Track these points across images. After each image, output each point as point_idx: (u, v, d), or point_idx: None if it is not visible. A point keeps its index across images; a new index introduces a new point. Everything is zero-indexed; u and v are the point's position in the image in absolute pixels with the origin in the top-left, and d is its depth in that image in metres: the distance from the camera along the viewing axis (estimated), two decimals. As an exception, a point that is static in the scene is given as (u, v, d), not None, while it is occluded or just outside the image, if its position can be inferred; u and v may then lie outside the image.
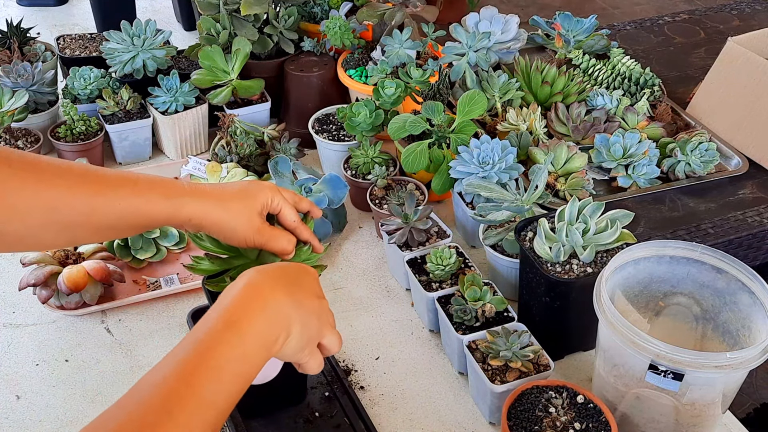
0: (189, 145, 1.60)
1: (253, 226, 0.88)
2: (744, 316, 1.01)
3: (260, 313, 0.70)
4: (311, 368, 0.79)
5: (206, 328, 0.68)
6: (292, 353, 0.75)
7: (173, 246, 1.34)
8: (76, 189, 0.77)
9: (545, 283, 1.09)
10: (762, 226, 1.42)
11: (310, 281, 0.80)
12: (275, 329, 0.71)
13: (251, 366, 0.68)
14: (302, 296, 0.76)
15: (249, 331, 0.68)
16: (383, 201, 1.37)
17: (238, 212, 0.86)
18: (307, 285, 0.78)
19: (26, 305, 1.26)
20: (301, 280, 0.78)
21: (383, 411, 1.11)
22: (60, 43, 1.74)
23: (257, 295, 0.71)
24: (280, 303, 0.72)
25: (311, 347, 0.77)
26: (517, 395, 0.99)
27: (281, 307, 0.72)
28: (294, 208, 0.93)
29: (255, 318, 0.70)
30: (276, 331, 0.71)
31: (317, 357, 0.79)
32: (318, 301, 0.79)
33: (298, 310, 0.74)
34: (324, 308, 0.80)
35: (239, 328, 0.68)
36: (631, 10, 4.32)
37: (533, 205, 1.23)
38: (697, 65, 1.91)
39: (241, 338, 0.68)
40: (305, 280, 0.79)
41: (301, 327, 0.74)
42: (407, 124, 1.36)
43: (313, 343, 0.78)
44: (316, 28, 1.70)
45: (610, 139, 1.46)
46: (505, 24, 1.53)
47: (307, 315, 0.75)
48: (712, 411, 0.98)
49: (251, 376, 0.69)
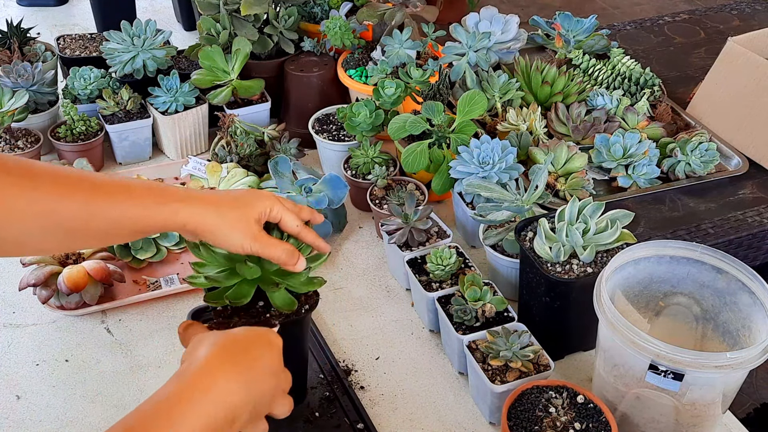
0: (189, 145, 1.60)
1: (250, 233, 0.87)
2: (744, 316, 1.01)
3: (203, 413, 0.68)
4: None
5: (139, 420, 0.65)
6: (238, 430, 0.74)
7: (173, 246, 1.34)
8: (73, 195, 0.78)
9: (545, 283, 1.09)
10: (762, 226, 1.42)
11: (270, 356, 0.77)
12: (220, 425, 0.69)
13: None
14: (257, 379, 0.74)
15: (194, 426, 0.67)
16: (383, 201, 1.37)
17: (234, 219, 0.86)
18: (264, 362, 0.75)
19: (26, 305, 1.26)
20: (258, 356, 0.75)
21: (383, 411, 1.11)
22: (60, 43, 1.74)
23: (202, 391, 0.69)
24: (230, 394, 0.70)
25: (258, 420, 0.76)
26: (517, 395, 0.99)
27: (231, 398, 0.70)
28: (295, 215, 0.92)
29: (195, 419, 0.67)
30: (221, 425, 0.69)
31: (262, 426, 0.77)
32: (272, 379, 0.76)
33: (248, 397, 0.72)
34: (278, 383, 0.77)
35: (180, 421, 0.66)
36: (631, 10, 4.32)
37: (533, 205, 1.23)
38: (697, 65, 1.91)
39: None
40: (264, 356, 0.76)
41: (250, 412, 0.73)
42: (407, 124, 1.36)
43: (261, 416, 0.76)
44: (316, 28, 1.70)
45: (610, 139, 1.46)
46: (505, 24, 1.53)
47: (259, 399, 0.74)
48: (712, 411, 0.98)
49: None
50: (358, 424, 1.07)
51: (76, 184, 0.78)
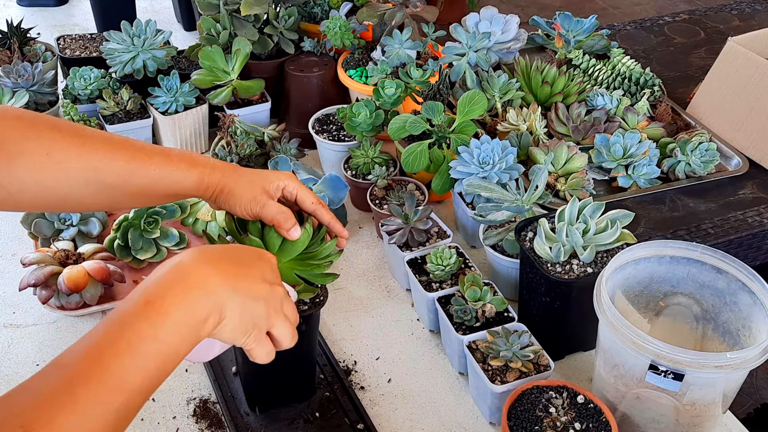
0: (189, 145, 1.60)
1: (253, 197, 0.91)
2: (744, 316, 1.01)
3: (183, 293, 0.67)
4: (258, 356, 0.76)
5: (123, 309, 0.65)
6: (232, 337, 0.73)
7: (173, 246, 1.34)
8: (116, 154, 0.85)
9: (545, 283, 1.09)
10: (762, 226, 1.42)
11: (261, 266, 0.77)
12: (202, 310, 0.68)
13: (170, 346, 0.65)
14: (244, 279, 0.73)
15: (168, 310, 0.66)
16: (383, 201, 1.37)
17: (246, 185, 0.92)
18: (254, 269, 0.76)
19: (26, 305, 1.26)
20: (247, 262, 0.76)
21: (383, 411, 1.11)
22: (60, 43, 1.74)
23: (183, 275, 0.69)
24: (209, 283, 0.70)
25: (257, 334, 0.75)
26: (517, 395, 0.99)
27: (212, 287, 0.70)
28: (312, 193, 0.96)
29: (176, 297, 0.67)
30: (203, 311, 0.68)
31: (265, 345, 0.76)
32: (266, 285, 0.75)
33: (235, 293, 0.71)
34: (275, 294, 0.76)
35: (157, 308, 0.65)
36: (631, 10, 4.32)
37: (533, 205, 1.23)
38: (697, 65, 1.91)
39: (159, 317, 0.65)
40: (254, 264, 0.76)
41: (239, 310, 0.71)
42: (407, 124, 1.36)
43: (260, 329, 0.75)
44: (316, 29, 1.70)
45: (611, 139, 1.46)
46: (505, 24, 1.53)
47: (249, 299, 0.73)
48: (712, 411, 0.98)
49: (174, 356, 0.66)
50: (358, 424, 1.07)
51: (120, 145, 0.86)
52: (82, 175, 0.83)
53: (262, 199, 0.91)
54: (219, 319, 0.70)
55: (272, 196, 0.92)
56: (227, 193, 0.92)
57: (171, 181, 0.89)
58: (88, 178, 0.84)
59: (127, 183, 0.86)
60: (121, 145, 0.86)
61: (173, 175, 0.89)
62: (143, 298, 0.66)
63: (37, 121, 0.83)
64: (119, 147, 0.86)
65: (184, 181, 0.89)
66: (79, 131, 0.85)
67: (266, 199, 0.91)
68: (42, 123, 0.83)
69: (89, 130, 0.86)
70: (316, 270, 0.96)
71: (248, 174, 0.94)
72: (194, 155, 0.93)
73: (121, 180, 0.86)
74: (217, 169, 0.92)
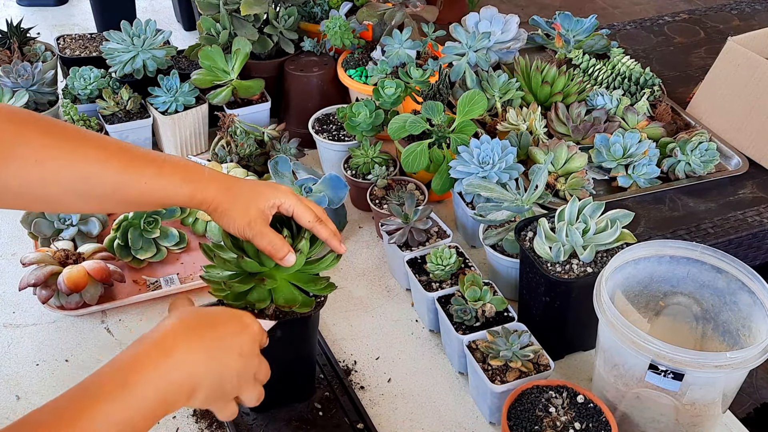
0: (189, 145, 1.60)
1: (248, 219, 0.90)
2: (744, 315, 1.01)
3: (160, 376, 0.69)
4: (222, 417, 0.78)
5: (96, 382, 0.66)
6: (201, 405, 0.74)
7: (173, 246, 1.34)
8: (108, 163, 0.84)
9: (545, 283, 1.09)
10: (762, 226, 1.42)
11: (240, 340, 0.77)
12: (176, 392, 0.69)
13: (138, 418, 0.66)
14: (222, 353, 0.74)
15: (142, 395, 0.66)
16: (383, 201, 1.37)
17: (242, 205, 0.90)
18: (232, 341, 0.76)
19: (26, 305, 1.26)
20: (227, 334, 0.76)
21: (383, 411, 1.11)
22: (60, 43, 1.74)
23: (162, 354, 0.70)
24: (191, 362, 0.71)
25: (225, 402, 0.77)
26: (517, 395, 0.99)
27: (192, 366, 0.71)
28: (310, 210, 0.95)
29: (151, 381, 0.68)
30: (178, 392, 0.70)
31: (230, 409, 0.78)
32: (240, 359, 0.76)
33: (210, 368, 0.72)
34: (248, 366, 0.77)
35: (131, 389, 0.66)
36: (631, 10, 4.32)
37: (533, 205, 1.23)
38: (697, 65, 1.91)
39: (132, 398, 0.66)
40: (234, 337, 0.77)
41: (210, 386, 0.73)
42: (407, 124, 1.36)
43: (228, 397, 0.77)
44: (316, 28, 1.70)
45: (610, 139, 1.46)
46: (505, 24, 1.53)
47: (223, 375, 0.74)
48: (712, 411, 0.98)
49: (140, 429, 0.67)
50: (358, 424, 1.07)
51: (114, 154, 0.85)
52: (71, 184, 0.82)
53: (257, 226, 0.90)
54: (189, 396, 0.71)
55: (267, 217, 0.92)
56: (221, 213, 0.91)
57: (162, 195, 0.88)
58: (77, 187, 0.83)
59: (117, 193, 0.85)
60: (115, 153, 0.85)
61: (165, 189, 0.88)
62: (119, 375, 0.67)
63: (29, 123, 0.81)
64: (112, 155, 0.84)
65: (176, 196, 0.89)
66: (72, 135, 0.83)
67: (260, 227, 0.90)
68: (34, 126, 0.81)
69: (83, 134, 0.84)
70: (312, 286, 0.98)
71: (244, 193, 0.92)
72: (189, 166, 0.90)
73: (111, 190, 0.85)
74: (212, 183, 0.90)
